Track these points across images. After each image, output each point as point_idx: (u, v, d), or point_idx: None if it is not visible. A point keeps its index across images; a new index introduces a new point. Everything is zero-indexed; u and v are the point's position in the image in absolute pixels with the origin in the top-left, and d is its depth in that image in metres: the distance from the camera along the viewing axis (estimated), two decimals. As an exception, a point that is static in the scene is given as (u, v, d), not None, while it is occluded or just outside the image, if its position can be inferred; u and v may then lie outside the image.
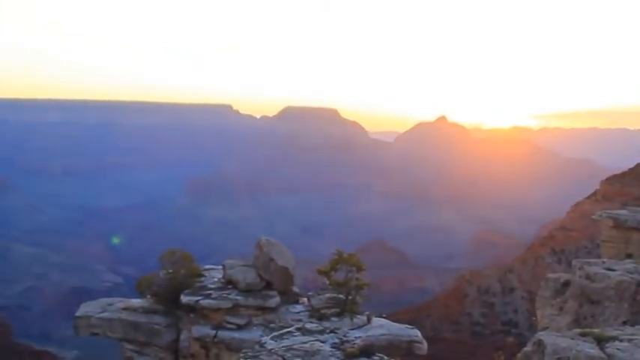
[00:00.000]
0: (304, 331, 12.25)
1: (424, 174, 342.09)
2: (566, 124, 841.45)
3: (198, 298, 15.25)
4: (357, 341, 12.01)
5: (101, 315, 16.03)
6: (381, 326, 13.87)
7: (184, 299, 15.36)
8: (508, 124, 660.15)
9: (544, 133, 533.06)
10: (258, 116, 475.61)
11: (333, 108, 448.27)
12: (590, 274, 16.82)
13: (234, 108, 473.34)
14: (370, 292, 15.12)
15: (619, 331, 10.53)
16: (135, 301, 16.65)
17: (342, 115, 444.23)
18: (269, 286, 15.61)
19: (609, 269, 16.87)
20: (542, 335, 9.82)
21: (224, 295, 15.29)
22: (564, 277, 18.80)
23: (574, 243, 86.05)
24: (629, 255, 21.89)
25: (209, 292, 15.59)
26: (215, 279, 16.58)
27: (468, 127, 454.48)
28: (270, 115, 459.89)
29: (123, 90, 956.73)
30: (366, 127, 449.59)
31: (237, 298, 15.11)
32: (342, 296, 14.67)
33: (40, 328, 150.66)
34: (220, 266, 16.99)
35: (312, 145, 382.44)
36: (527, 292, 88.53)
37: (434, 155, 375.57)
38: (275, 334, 12.00)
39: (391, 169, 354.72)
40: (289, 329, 12.38)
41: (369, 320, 14.07)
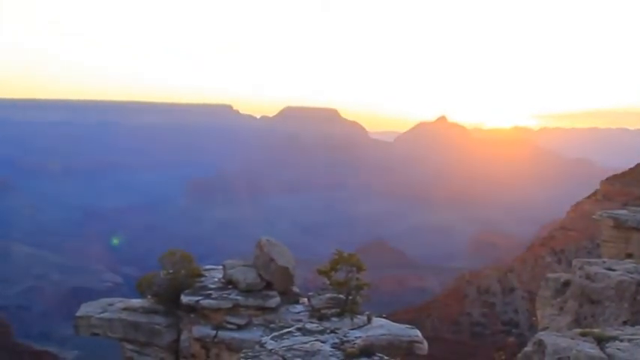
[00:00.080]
0: (304, 331, 12.26)
1: (424, 174, 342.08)
2: (567, 124, 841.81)
3: (198, 298, 15.26)
4: (358, 341, 12.02)
5: (101, 315, 16.04)
6: (381, 326, 13.87)
7: (185, 299, 15.37)
8: (508, 124, 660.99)
9: (544, 133, 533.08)
10: (258, 116, 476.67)
11: (333, 108, 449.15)
12: (591, 274, 16.82)
13: (234, 108, 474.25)
14: (370, 292, 15.12)
15: (619, 331, 10.52)
16: (135, 302, 16.66)
17: (342, 115, 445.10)
18: (269, 286, 15.61)
19: (609, 269, 16.86)
20: (542, 335, 9.82)
21: (224, 295, 15.29)
22: (564, 277, 18.80)
23: (574, 243, 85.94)
24: (629, 255, 21.88)
25: (209, 292, 15.60)
26: (215, 279, 16.58)
27: (468, 127, 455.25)
28: (270, 115, 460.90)
29: (123, 90, 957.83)
30: (366, 127, 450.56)
31: (238, 298, 15.11)
32: (342, 296, 14.68)
33: (41, 328, 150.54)
34: (220, 266, 16.99)
35: (312, 145, 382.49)
36: (527, 292, 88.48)
37: (434, 155, 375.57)
38: (275, 334, 12.01)
39: (391, 169, 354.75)
40: (289, 329, 12.39)
41: (369, 320, 14.07)
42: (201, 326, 14.91)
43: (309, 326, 12.70)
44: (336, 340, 11.92)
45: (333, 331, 12.59)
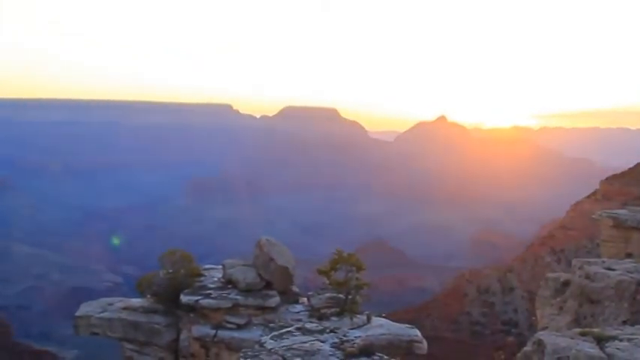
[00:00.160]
0: (304, 331, 12.27)
1: (424, 174, 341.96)
2: (567, 123, 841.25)
3: (198, 297, 15.24)
4: (357, 341, 12.03)
5: (101, 315, 16.03)
6: (381, 326, 13.87)
7: (184, 299, 15.36)
8: (508, 123, 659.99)
9: (544, 132, 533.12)
10: (258, 116, 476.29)
11: (333, 108, 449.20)
12: (590, 273, 16.83)
13: (234, 108, 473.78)
14: (370, 292, 15.11)
15: (619, 331, 10.53)
16: (135, 301, 16.65)
17: (342, 115, 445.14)
18: (269, 286, 15.60)
19: (609, 269, 16.88)
20: (542, 335, 9.83)
21: (224, 295, 15.28)
22: (564, 277, 18.82)
23: (574, 242, 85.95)
24: (628, 254, 21.89)
25: (209, 291, 15.59)
26: (215, 279, 16.57)
27: (468, 127, 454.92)
28: (270, 115, 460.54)
29: (123, 90, 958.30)
30: (366, 127, 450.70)
31: (237, 297, 15.11)
32: (341, 296, 14.67)
33: (40, 327, 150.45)
34: (220, 266, 16.98)
35: (312, 145, 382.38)
36: (527, 291, 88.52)
37: (434, 155, 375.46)
38: (275, 333, 12.02)
39: (391, 169, 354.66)
40: (289, 329, 12.40)
41: (368, 320, 14.06)
42: (201, 326, 14.90)
43: (308, 326, 12.71)
44: (336, 340, 11.93)
45: (332, 331, 12.61)
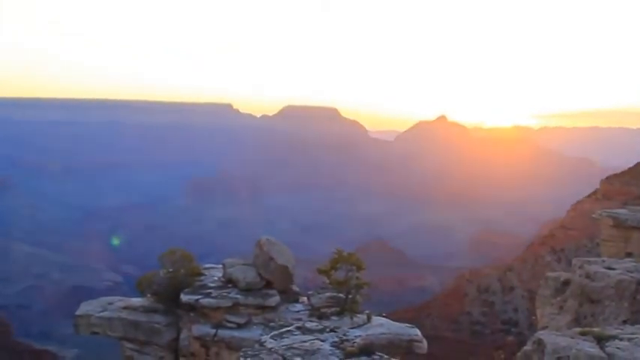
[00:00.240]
0: (304, 330, 12.27)
1: (424, 173, 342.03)
2: (567, 123, 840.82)
3: (198, 296, 15.24)
4: (357, 340, 12.03)
5: (101, 314, 16.02)
6: (381, 325, 13.86)
7: (184, 298, 15.35)
8: (508, 123, 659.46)
9: (544, 132, 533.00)
10: (258, 115, 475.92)
11: (333, 107, 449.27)
12: (590, 273, 16.82)
13: (234, 107, 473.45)
14: (370, 291, 15.10)
15: (619, 330, 10.53)
16: (135, 300, 16.64)
17: (342, 115, 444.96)
18: (269, 285, 15.60)
19: (609, 268, 16.88)
20: (542, 334, 9.83)
21: (224, 294, 15.28)
22: (564, 276, 18.82)
23: (574, 242, 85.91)
24: (629, 254, 21.89)
25: (209, 290, 15.58)
26: (215, 278, 16.57)
27: (468, 127, 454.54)
28: (271, 115, 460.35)
29: (123, 90, 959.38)
30: (366, 127, 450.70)
31: (237, 296, 15.10)
32: (342, 295, 14.66)
33: (40, 327, 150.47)
34: (220, 265, 16.97)
35: (312, 145, 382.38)
36: (527, 291, 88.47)
37: (434, 155, 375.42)
38: (275, 332, 12.01)
39: (391, 168, 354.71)
40: (289, 328, 12.40)
41: (368, 319, 14.05)
42: (201, 325, 14.90)
43: (308, 325, 12.71)
44: (336, 339, 11.93)
45: (332, 330, 12.60)
